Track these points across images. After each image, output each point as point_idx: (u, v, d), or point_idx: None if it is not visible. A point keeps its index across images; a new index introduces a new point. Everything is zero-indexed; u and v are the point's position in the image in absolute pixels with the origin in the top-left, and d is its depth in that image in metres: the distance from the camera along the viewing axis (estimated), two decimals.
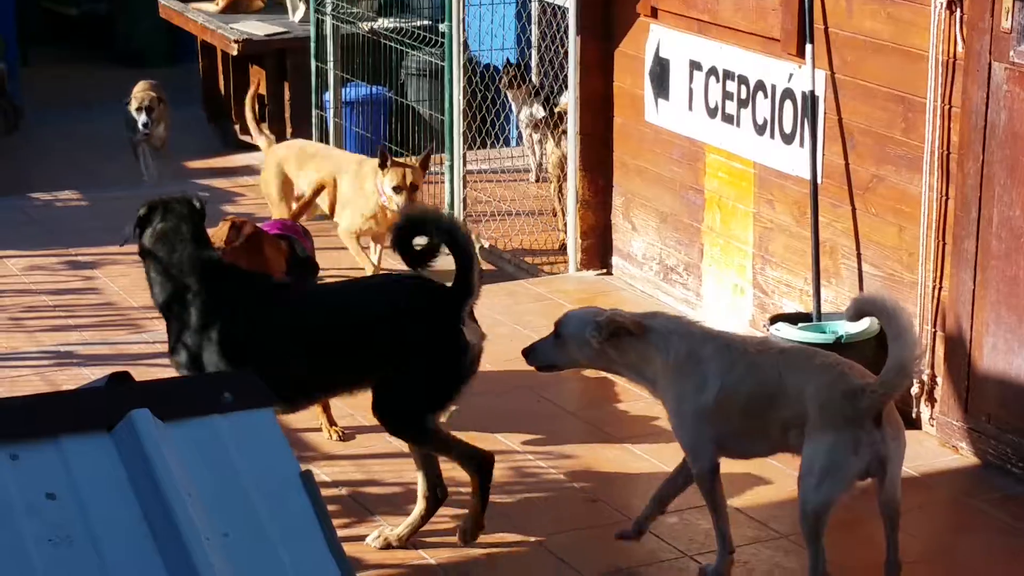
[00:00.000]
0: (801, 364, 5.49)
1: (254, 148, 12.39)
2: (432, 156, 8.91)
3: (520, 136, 10.83)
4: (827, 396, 5.36)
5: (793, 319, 7.21)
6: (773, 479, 6.45)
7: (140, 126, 12.27)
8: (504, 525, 6.15)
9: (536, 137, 10.59)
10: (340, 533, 3.37)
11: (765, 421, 5.51)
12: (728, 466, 5.80)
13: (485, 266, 9.21)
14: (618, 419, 7.12)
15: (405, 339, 5.70)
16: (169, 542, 3.08)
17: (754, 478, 6.45)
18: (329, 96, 10.93)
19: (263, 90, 12.12)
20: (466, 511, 5.90)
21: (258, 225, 6.98)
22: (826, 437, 5.33)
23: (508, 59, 10.60)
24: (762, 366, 5.51)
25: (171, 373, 7.32)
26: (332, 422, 6.99)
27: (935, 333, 6.87)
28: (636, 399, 7.26)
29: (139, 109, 12.27)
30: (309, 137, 11.21)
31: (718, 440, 5.59)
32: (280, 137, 12.01)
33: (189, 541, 3.08)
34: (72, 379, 7.42)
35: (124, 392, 3.37)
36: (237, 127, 12.62)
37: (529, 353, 5.73)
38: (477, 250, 6.01)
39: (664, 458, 6.70)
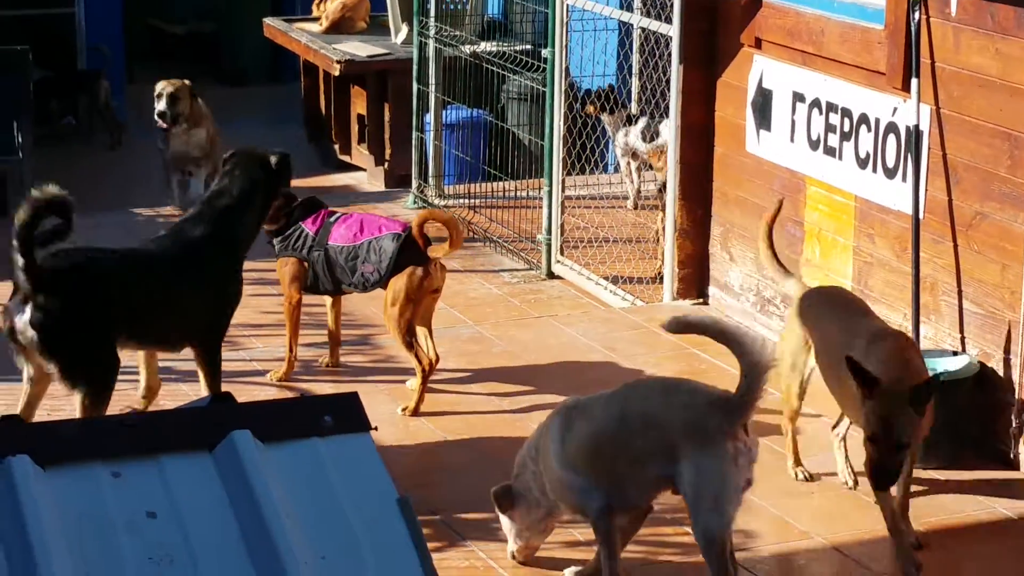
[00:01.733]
0: (635, 391, 5.60)
1: (354, 168, 12.47)
2: (930, 390, 5.81)
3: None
4: (690, 414, 5.36)
5: None
6: (871, 514, 6.39)
7: (156, 116, 10.76)
8: (590, 554, 6.14)
9: (634, 165, 10.58)
10: (432, 557, 3.37)
11: (623, 460, 5.50)
12: (823, 503, 5.76)
13: (580, 293, 9.21)
14: None
15: None
16: (267, 563, 3.10)
17: (851, 514, 6.38)
18: (430, 118, 10.97)
19: (363, 111, 12.19)
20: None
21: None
22: (705, 456, 5.31)
23: (611, 84, 10.61)
24: (594, 407, 5.60)
25: (269, 392, 7.40)
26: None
27: None
28: None
29: (159, 96, 10.86)
30: (407, 159, 11.22)
31: (603, 491, 5.59)
32: (379, 159, 12.06)
33: (287, 563, 3.10)
34: (170, 394, 7.47)
35: (225, 412, 3.40)
36: (337, 147, 12.70)
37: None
38: None
39: (760, 492, 6.66)
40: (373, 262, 7.42)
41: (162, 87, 10.90)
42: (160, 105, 10.81)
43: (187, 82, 11.00)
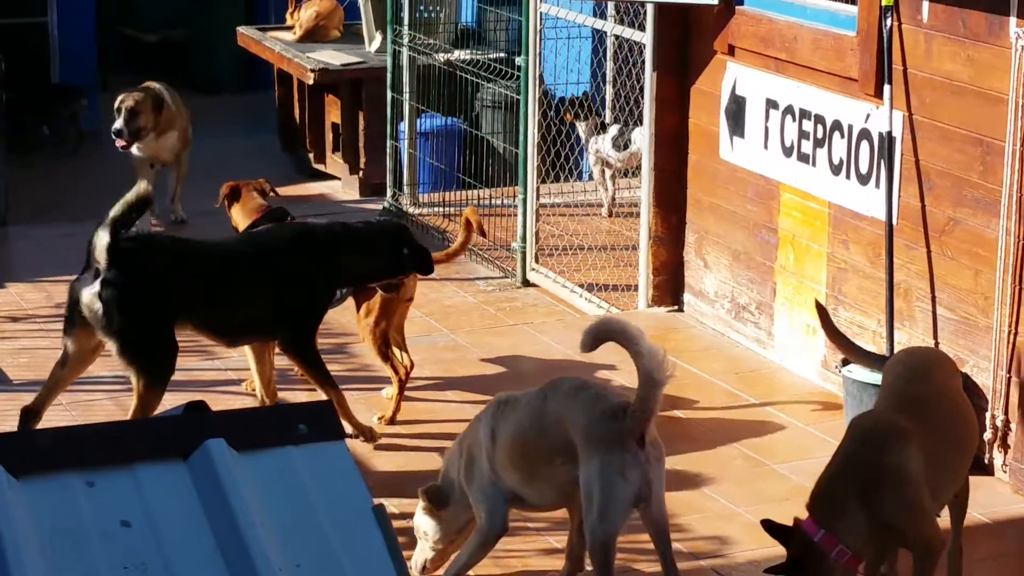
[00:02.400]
0: (556, 389, 5.58)
1: (328, 176, 12.45)
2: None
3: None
4: (588, 419, 5.39)
5: None
6: None
7: (112, 133, 10.51)
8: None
9: (608, 173, 10.59)
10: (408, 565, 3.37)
11: (539, 458, 5.56)
12: (799, 510, 5.73)
13: (555, 300, 9.21)
14: (693, 462, 7.07)
15: None
16: (243, 572, 3.09)
17: None
18: (404, 127, 10.97)
19: (338, 119, 12.18)
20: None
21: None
22: (594, 463, 5.35)
23: (585, 92, 10.63)
24: (521, 401, 5.63)
25: (244, 401, 7.40)
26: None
27: (1009, 378, 6.80)
28: (708, 441, 7.23)
29: (117, 111, 10.59)
30: (382, 167, 11.21)
31: (511, 495, 5.69)
32: (353, 168, 12.05)
33: (262, 571, 3.09)
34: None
35: (199, 421, 3.38)
36: (311, 155, 12.68)
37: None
38: None
39: (735, 498, 6.67)
40: None
41: (120, 101, 10.60)
42: (117, 122, 10.51)
43: (153, 86, 10.75)
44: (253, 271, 6.86)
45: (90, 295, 6.45)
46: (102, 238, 6.42)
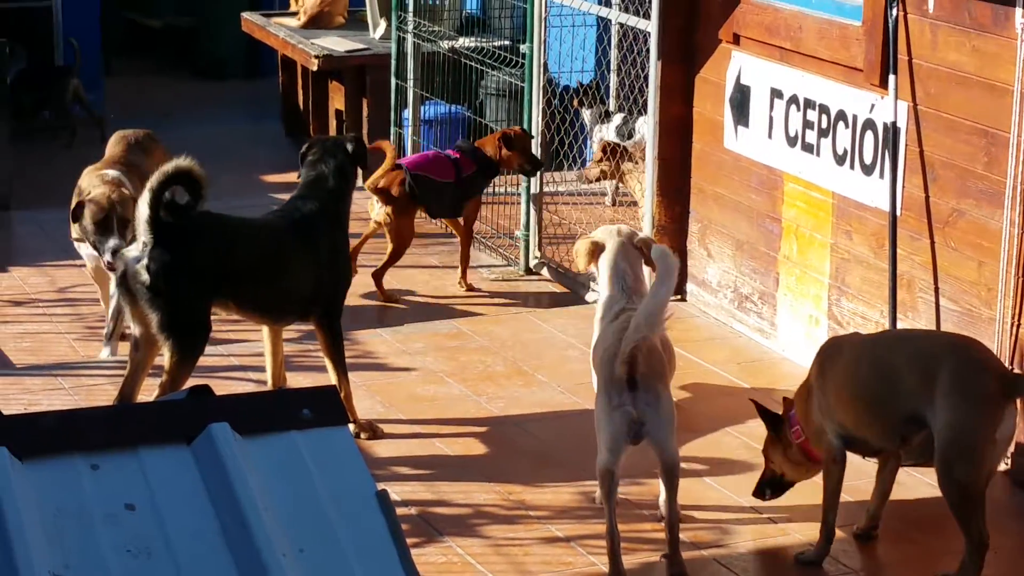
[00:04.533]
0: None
1: None
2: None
3: None
4: (601, 358, 6.01)
5: None
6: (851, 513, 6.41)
7: (104, 258, 7.64)
8: (568, 551, 6.15)
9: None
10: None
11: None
12: (795, 497, 5.75)
13: (558, 289, 9.22)
14: (695, 452, 7.08)
15: None
16: (246, 556, 3.09)
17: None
18: (408, 114, 10.96)
19: (341, 106, 12.18)
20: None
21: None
22: (597, 398, 5.95)
23: (593, 79, 10.61)
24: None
25: (247, 387, 7.39)
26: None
27: (1012, 370, 6.79)
28: (710, 431, 7.23)
29: (101, 224, 7.68)
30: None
31: None
32: None
33: (266, 556, 3.09)
34: (147, 389, 7.46)
35: (204, 405, 3.39)
36: None
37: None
38: None
39: (737, 488, 6.68)
40: None
41: (108, 209, 7.74)
42: (111, 241, 7.65)
43: (126, 191, 7.95)
44: (297, 247, 7.01)
45: (138, 267, 6.57)
46: (143, 211, 6.53)
